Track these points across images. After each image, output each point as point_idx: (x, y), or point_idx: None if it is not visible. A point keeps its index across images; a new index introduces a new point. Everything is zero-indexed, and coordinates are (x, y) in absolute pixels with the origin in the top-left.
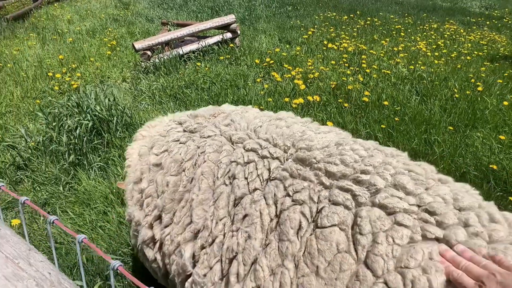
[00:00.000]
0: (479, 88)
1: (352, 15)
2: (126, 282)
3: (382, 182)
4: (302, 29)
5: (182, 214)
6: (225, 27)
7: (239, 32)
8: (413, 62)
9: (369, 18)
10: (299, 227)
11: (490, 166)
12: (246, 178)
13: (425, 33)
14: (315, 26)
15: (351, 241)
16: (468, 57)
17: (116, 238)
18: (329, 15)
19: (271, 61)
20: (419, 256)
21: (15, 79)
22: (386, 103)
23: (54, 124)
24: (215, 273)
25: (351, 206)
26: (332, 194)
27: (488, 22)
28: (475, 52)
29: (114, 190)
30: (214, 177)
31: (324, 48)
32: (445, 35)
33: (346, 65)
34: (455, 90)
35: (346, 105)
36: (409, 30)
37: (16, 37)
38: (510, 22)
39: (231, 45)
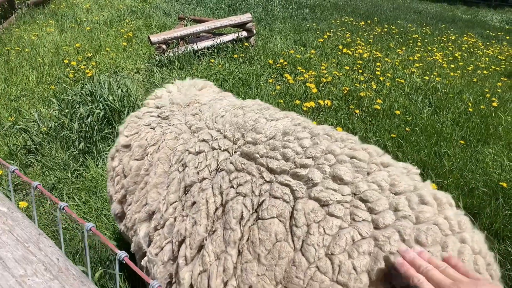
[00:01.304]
0: (494, 104)
1: (369, 22)
2: (127, 271)
3: (320, 175)
4: (318, 32)
5: (141, 195)
6: (241, 26)
7: (254, 31)
8: (428, 72)
9: (386, 26)
10: (241, 217)
11: (500, 183)
12: (196, 167)
13: (442, 44)
14: (331, 30)
15: (289, 231)
16: (485, 71)
17: None
18: (346, 20)
19: (285, 63)
20: (343, 243)
21: (32, 64)
22: (398, 112)
23: (66, 110)
24: (165, 253)
25: (289, 200)
26: (272, 189)
27: (508, 37)
28: (493, 67)
29: None
30: (169, 163)
31: (339, 53)
32: (463, 48)
33: (360, 71)
34: (469, 104)
35: (357, 111)
36: (426, 40)
37: (35, 23)
38: None
39: (246, 44)
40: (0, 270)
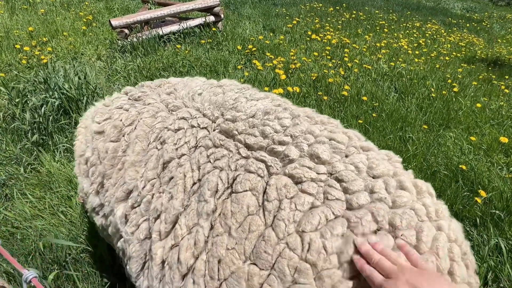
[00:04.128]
0: (455, 89)
1: (338, 7)
2: (86, 271)
3: (297, 152)
4: (287, 17)
5: (119, 176)
6: (208, 10)
7: (222, 16)
8: (394, 59)
9: (354, 12)
10: (216, 190)
11: (460, 166)
12: (175, 144)
13: (407, 31)
14: (300, 16)
15: (261, 206)
16: (447, 58)
17: (78, 225)
18: (315, 5)
19: (254, 49)
20: (315, 221)
21: None
22: (365, 98)
23: (17, 100)
24: (141, 231)
25: (263, 175)
26: (247, 164)
27: (468, 25)
28: (454, 53)
29: None
30: (148, 141)
31: (308, 39)
32: (427, 34)
33: (329, 57)
34: (432, 90)
35: (325, 98)
36: (392, 27)
37: None
38: (488, 26)
39: (214, 29)
40: None
